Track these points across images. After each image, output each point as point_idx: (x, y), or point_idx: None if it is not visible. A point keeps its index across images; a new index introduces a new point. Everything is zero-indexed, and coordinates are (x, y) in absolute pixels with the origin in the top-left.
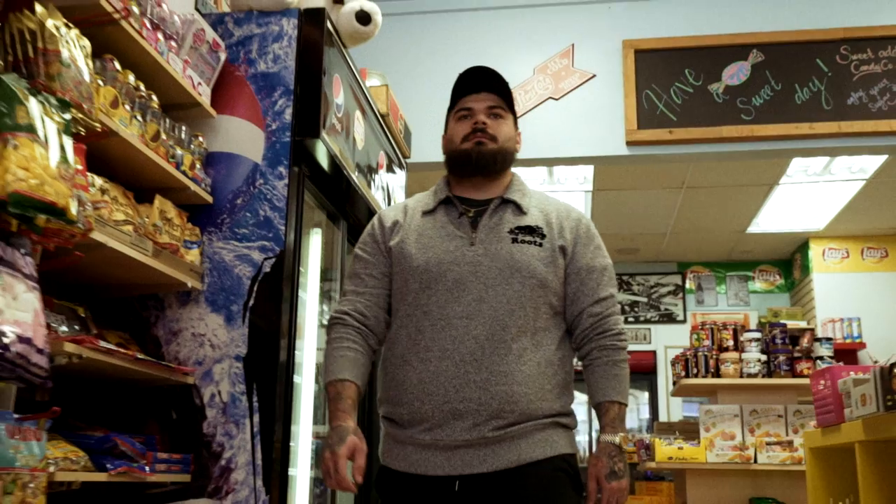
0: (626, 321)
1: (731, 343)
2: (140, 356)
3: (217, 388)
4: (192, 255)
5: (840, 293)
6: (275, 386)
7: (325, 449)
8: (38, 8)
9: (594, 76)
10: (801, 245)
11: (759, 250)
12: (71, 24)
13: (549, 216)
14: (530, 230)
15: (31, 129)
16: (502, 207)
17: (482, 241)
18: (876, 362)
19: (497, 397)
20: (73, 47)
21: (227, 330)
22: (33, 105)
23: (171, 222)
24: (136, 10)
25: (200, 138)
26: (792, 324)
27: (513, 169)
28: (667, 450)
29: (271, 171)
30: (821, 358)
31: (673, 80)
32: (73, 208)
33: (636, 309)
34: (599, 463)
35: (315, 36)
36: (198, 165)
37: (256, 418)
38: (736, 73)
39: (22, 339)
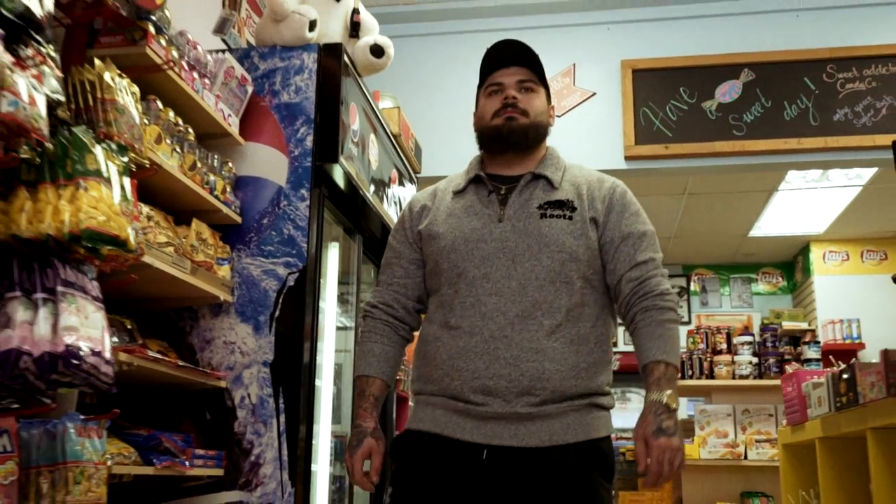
0: None
1: (724, 346)
2: (181, 363)
3: (247, 391)
4: (224, 271)
5: (840, 295)
6: (299, 389)
7: (347, 450)
8: (97, 62)
9: (594, 94)
10: (802, 248)
11: (762, 253)
12: (123, 74)
13: (581, 188)
14: (560, 204)
15: (98, 174)
16: (533, 183)
17: (510, 218)
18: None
19: (527, 374)
20: (126, 94)
21: (255, 338)
22: (99, 152)
23: (206, 242)
24: (175, 54)
25: (230, 164)
26: (793, 325)
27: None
28: None
29: (294, 193)
30: (808, 360)
31: (668, 98)
32: (132, 238)
33: None
34: (645, 422)
35: (333, 68)
36: (228, 189)
37: (282, 418)
38: (728, 91)
39: (94, 353)
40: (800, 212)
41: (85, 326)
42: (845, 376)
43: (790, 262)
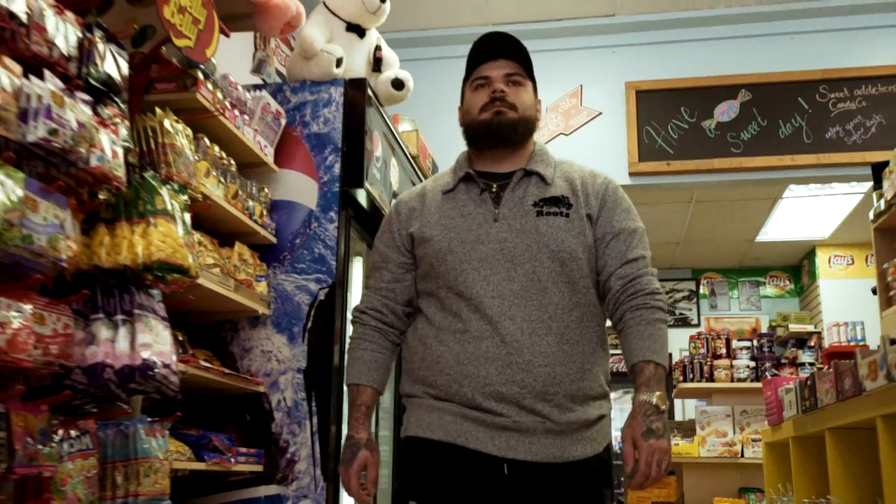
0: None
1: (723, 351)
2: (227, 371)
3: (282, 395)
4: (261, 287)
5: (845, 298)
6: (329, 393)
7: (340, 464)
8: (158, 111)
9: (600, 114)
10: (808, 252)
11: (770, 257)
12: (179, 120)
13: (575, 184)
14: (555, 201)
15: (165, 212)
16: (526, 180)
17: (506, 217)
18: None
19: (541, 379)
20: (182, 137)
21: (289, 347)
22: (165, 193)
23: (246, 262)
24: (220, 95)
25: (266, 190)
26: (799, 327)
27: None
28: None
29: (324, 215)
30: (803, 364)
31: (670, 118)
32: (193, 266)
33: None
34: (634, 423)
35: (358, 101)
36: (265, 213)
37: (315, 420)
38: (726, 111)
39: (164, 365)
40: (804, 218)
41: (157, 343)
42: (808, 383)
43: (797, 266)
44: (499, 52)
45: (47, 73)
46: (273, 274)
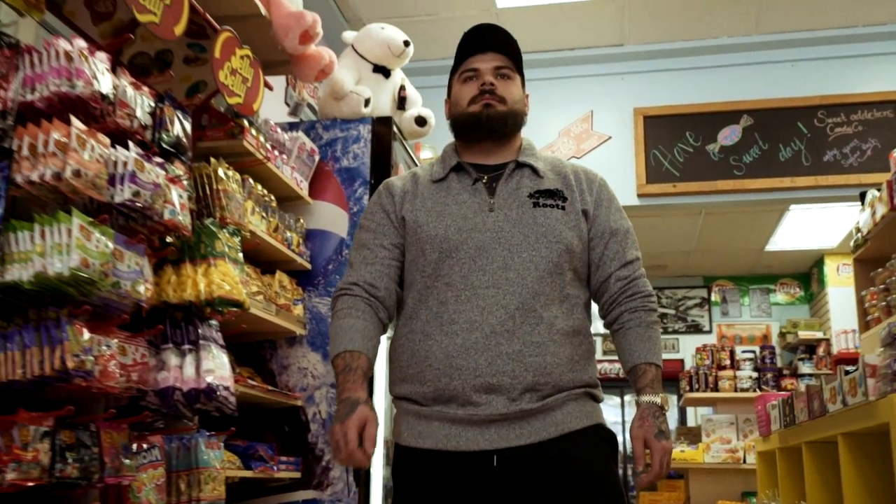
0: None
1: (728, 362)
2: (269, 388)
3: (317, 408)
4: (298, 310)
5: (853, 306)
6: None
7: (335, 422)
8: (212, 160)
9: (610, 138)
10: (817, 261)
11: (780, 265)
12: (230, 167)
13: (568, 178)
14: (550, 193)
15: (223, 254)
16: (518, 171)
17: (501, 207)
18: None
19: (531, 369)
20: (232, 182)
21: (323, 364)
22: (222, 237)
23: (285, 288)
24: (262, 139)
25: (301, 220)
26: (809, 334)
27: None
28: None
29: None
30: (803, 375)
31: (676, 142)
32: (247, 300)
33: (665, 321)
34: (646, 423)
35: (385, 137)
36: (301, 242)
37: None
38: (729, 135)
39: (224, 388)
40: (812, 228)
41: (218, 368)
42: (789, 401)
43: (807, 274)
44: (488, 44)
45: (130, 143)
46: (308, 297)
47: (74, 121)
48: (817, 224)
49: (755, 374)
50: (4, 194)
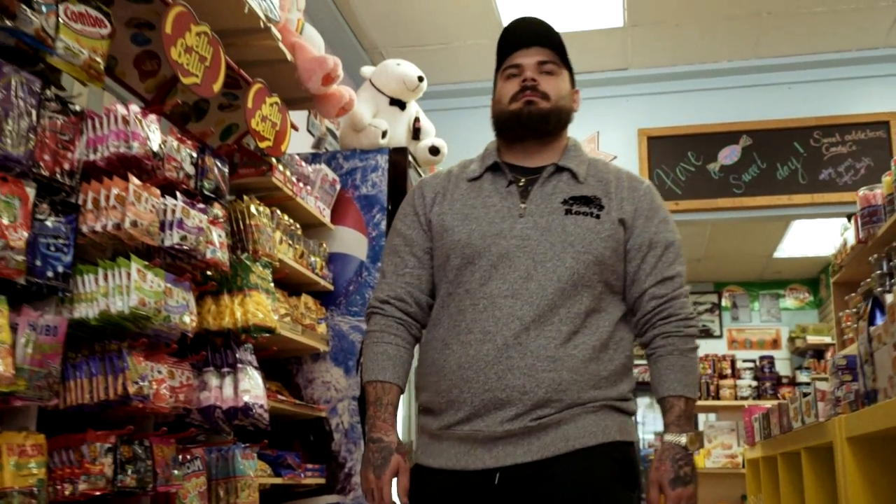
0: None
1: (728, 371)
2: (297, 402)
3: (340, 419)
4: (322, 328)
5: None
6: None
7: (368, 468)
8: (245, 198)
9: (615, 157)
10: (825, 267)
11: (789, 271)
12: (261, 203)
13: (609, 185)
14: (586, 200)
15: (256, 286)
16: (556, 176)
17: (532, 213)
18: None
19: (544, 385)
20: (263, 217)
21: (345, 378)
22: (256, 270)
23: (310, 308)
24: (289, 173)
25: (324, 245)
26: (817, 339)
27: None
28: None
29: (372, 265)
30: (800, 384)
31: (678, 161)
32: (277, 326)
33: None
34: (662, 467)
35: (401, 166)
36: (323, 265)
37: None
38: (729, 155)
39: (259, 406)
40: (819, 235)
41: (253, 388)
42: (766, 415)
43: (815, 279)
44: (531, 39)
45: (178, 193)
46: (331, 316)
47: (132, 178)
48: (824, 231)
49: (754, 383)
50: (73, 243)
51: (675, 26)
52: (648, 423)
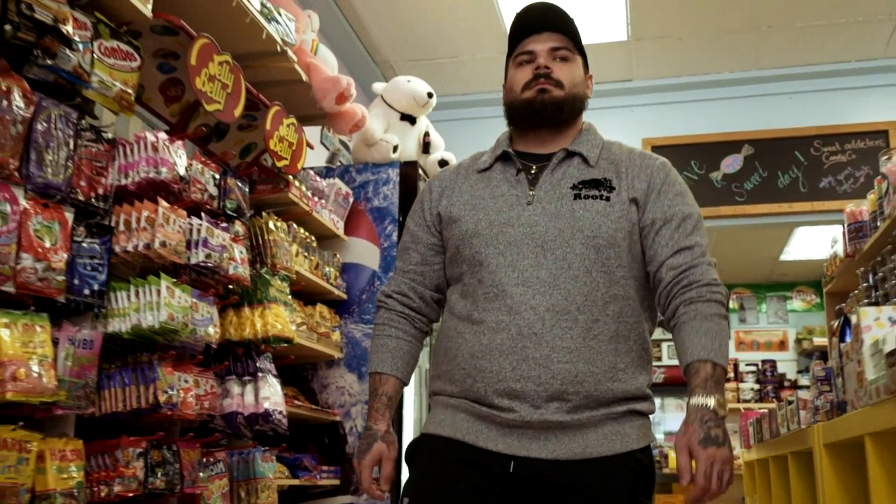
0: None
1: (731, 375)
2: (313, 407)
3: (354, 422)
4: (336, 336)
5: None
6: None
7: (355, 455)
8: (264, 214)
9: None
10: None
11: (795, 273)
12: (279, 219)
13: (620, 166)
14: (596, 183)
15: (276, 299)
16: (567, 161)
17: (540, 200)
18: None
19: (559, 376)
20: (280, 231)
21: (359, 384)
22: (275, 283)
23: (325, 317)
24: (304, 188)
25: (338, 256)
26: (823, 341)
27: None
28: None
29: (384, 275)
30: (801, 387)
31: (681, 170)
32: (295, 336)
33: None
34: (690, 429)
35: (411, 179)
36: (337, 275)
37: None
38: (731, 164)
39: (278, 412)
40: (825, 239)
41: (273, 396)
42: (759, 420)
43: (821, 282)
44: (543, 24)
45: (203, 213)
46: (344, 324)
47: (161, 201)
48: (829, 236)
49: (757, 386)
50: (107, 262)
51: (677, 40)
52: (656, 422)
